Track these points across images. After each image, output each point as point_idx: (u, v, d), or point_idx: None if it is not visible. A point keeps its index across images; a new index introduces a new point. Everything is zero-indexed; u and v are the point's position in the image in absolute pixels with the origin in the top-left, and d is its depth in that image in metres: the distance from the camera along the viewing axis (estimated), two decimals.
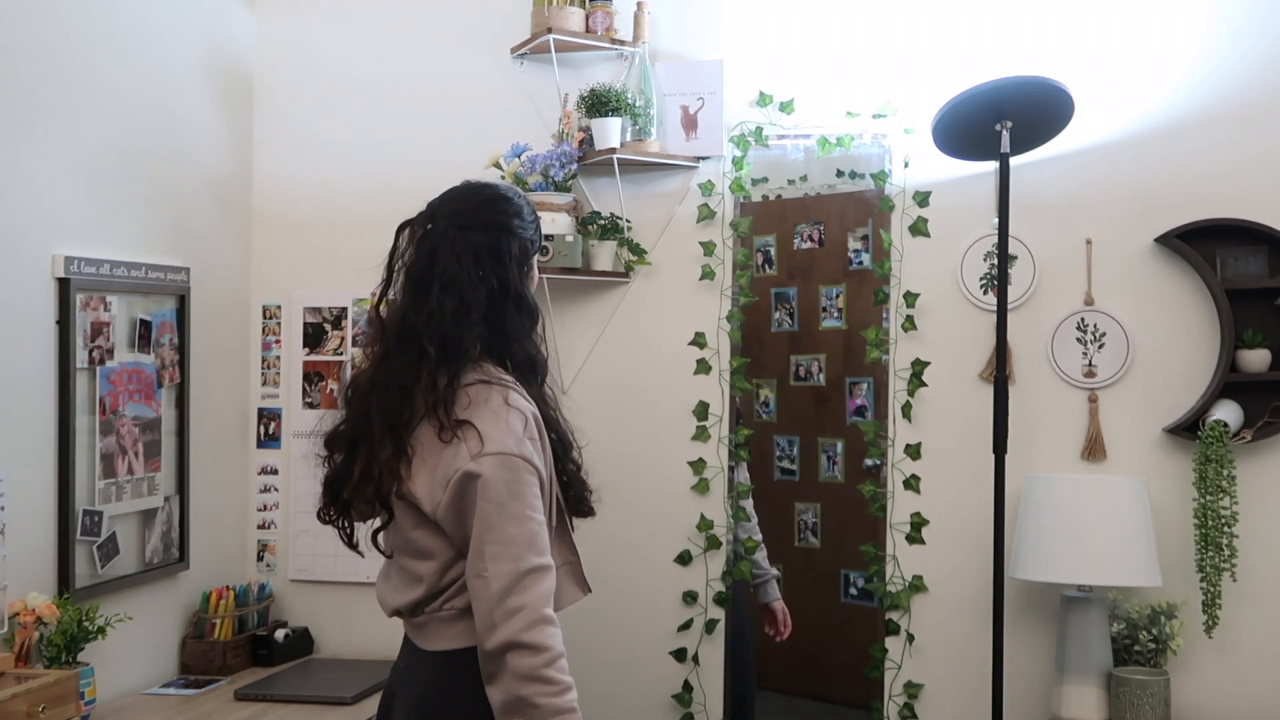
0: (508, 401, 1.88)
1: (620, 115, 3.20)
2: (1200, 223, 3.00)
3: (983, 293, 3.15)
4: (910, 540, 3.20)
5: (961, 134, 2.98)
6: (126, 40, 3.03)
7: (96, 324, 2.89)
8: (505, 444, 1.84)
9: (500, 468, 1.83)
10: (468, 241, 1.94)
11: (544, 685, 1.77)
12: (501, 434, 1.85)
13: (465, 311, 1.91)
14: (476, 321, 1.92)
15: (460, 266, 1.92)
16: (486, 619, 1.79)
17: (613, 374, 3.38)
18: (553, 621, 1.81)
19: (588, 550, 2.21)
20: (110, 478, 2.93)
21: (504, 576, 1.79)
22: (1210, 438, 2.90)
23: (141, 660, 3.08)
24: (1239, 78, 3.02)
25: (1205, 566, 2.90)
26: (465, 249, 1.93)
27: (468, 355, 1.91)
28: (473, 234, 1.95)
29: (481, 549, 1.82)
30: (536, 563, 1.81)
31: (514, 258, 1.97)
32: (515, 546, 1.81)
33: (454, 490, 1.85)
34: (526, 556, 1.80)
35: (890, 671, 3.21)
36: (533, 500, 1.84)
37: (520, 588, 1.79)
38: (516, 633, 1.77)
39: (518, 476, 1.83)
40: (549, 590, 1.82)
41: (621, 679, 3.32)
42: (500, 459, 1.83)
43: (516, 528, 1.81)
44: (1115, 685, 2.85)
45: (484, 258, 1.94)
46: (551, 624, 1.80)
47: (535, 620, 1.78)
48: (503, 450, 1.84)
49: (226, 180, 3.46)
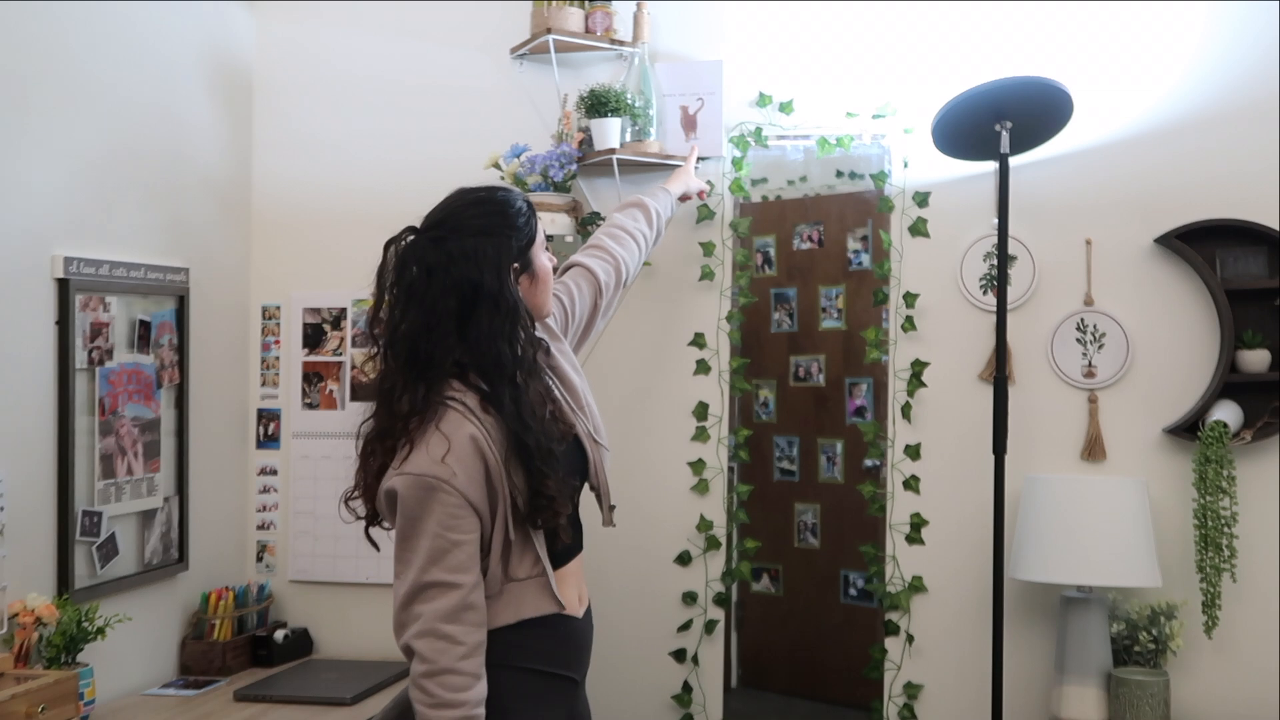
0: (438, 425, 1.93)
1: (620, 116, 3.20)
2: (1200, 223, 3.00)
3: (982, 293, 3.15)
4: (910, 541, 3.20)
5: (961, 134, 2.98)
6: (126, 40, 3.03)
7: (96, 324, 2.89)
8: (419, 465, 1.91)
9: (412, 486, 1.91)
10: (442, 251, 1.97)
11: (421, 694, 1.89)
12: (419, 455, 1.92)
13: (434, 323, 1.95)
14: (449, 332, 1.96)
15: (429, 278, 1.96)
16: (394, 620, 1.93)
17: (612, 374, 3.38)
18: (445, 637, 1.88)
19: (588, 550, 2.22)
20: (110, 478, 2.93)
21: (407, 584, 1.91)
22: (1210, 438, 2.90)
23: (141, 661, 3.08)
24: (1239, 77, 3.02)
25: (1205, 567, 2.90)
26: (438, 259, 1.96)
27: (438, 366, 1.96)
28: (448, 243, 1.98)
29: (396, 556, 1.94)
30: (440, 578, 1.90)
31: (489, 260, 1.98)
32: (420, 559, 1.90)
33: (384, 505, 1.99)
34: (429, 570, 1.90)
35: (890, 672, 3.21)
36: (447, 520, 1.90)
37: (420, 598, 1.90)
38: (409, 639, 1.90)
39: (430, 496, 1.90)
40: (450, 607, 1.89)
41: (621, 679, 3.32)
42: (413, 479, 1.91)
43: (425, 542, 1.90)
44: (1115, 686, 2.85)
45: (457, 265, 1.96)
46: (441, 638, 1.88)
47: (425, 631, 1.88)
48: (415, 471, 1.91)
49: (226, 180, 3.46)
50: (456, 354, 1.97)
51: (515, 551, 2.00)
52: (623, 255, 2.65)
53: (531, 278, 2.10)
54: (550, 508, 1.99)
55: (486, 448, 1.94)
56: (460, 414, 1.95)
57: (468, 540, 1.92)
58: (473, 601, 1.92)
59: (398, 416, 1.95)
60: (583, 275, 2.54)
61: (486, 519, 1.96)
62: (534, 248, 2.10)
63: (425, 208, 2.11)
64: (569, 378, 2.22)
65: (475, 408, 1.96)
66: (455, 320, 1.96)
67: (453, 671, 1.88)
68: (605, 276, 2.57)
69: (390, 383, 1.98)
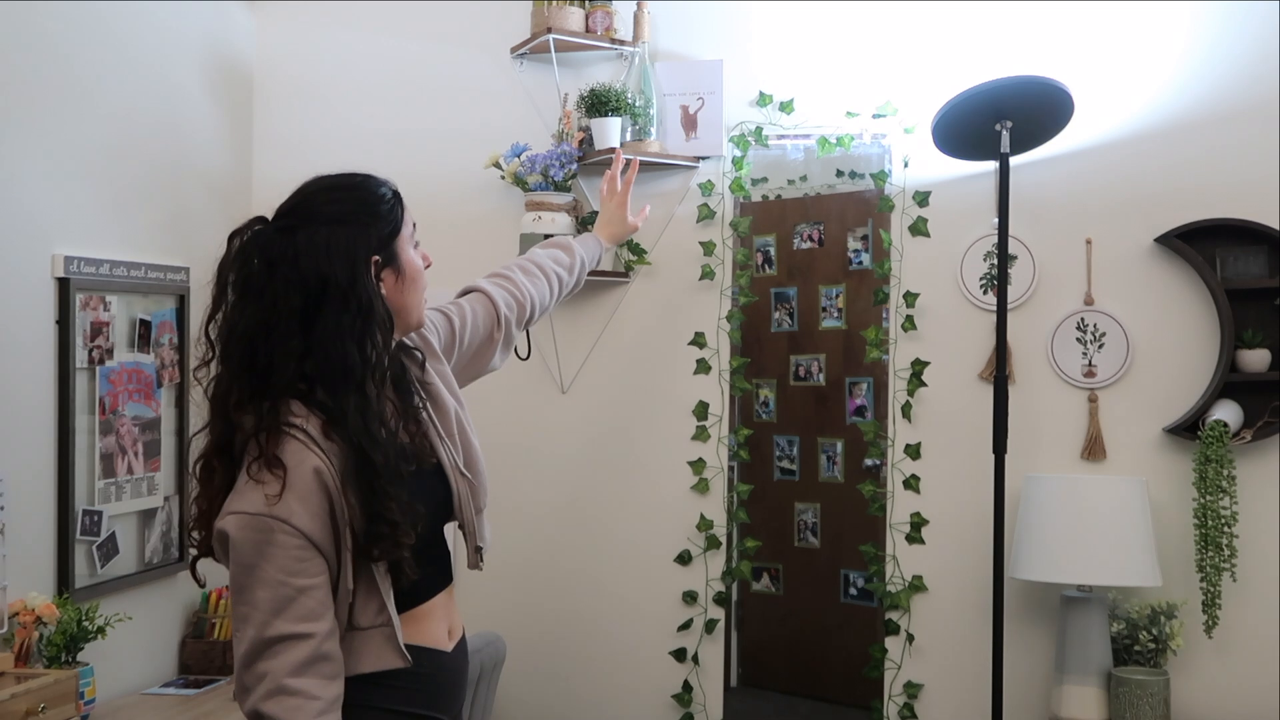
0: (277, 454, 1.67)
1: (620, 115, 3.20)
2: (1200, 222, 3.00)
3: (983, 292, 3.15)
4: (910, 540, 3.20)
5: (961, 134, 2.98)
6: (126, 40, 3.03)
7: (96, 324, 2.89)
8: (252, 503, 1.67)
9: (245, 528, 1.67)
10: (289, 243, 1.74)
11: None
12: (252, 491, 1.67)
13: (275, 322, 1.70)
14: (291, 333, 1.70)
15: (272, 272, 1.72)
16: (238, 682, 1.70)
17: (613, 374, 3.38)
18: (296, 693, 1.65)
19: (588, 550, 2.22)
20: (110, 477, 2.93)
21: (249, 641, 1.67)
22: (1210, 437, 2.90)
23: (141, 660, 3.08)
24: (1239, 77, 3.02)
25: (1205, 566, 2.90)
26: (283, 251, 1.73)
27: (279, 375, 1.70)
28: (297, 234, 1.74)
29: (234, 610, 1.71)
30: (284, 630, 1.66)
31: (341, 250, 1.74)
32: (260, 612, 1.67)
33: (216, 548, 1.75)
34: (272, 624, 1.66)
35: (890, 671, 3.21)
36: (288, 564, 1.67)
37: (266, 655, 1.66)
38: (256, 702, 1.66)
39: (266, 537, 1.66)
40: (298, 659, 1.66)
41: (621, 679, 3.32)
42: (246, 519, 1.67)
43: (264, 592, 1.67)
44: (1115, 685, 2.85)
45: (304, 257, 1.72)
46: (292, 695, 1.65)
47: (273, 690, 1.65)
48: (249, 509, 1.67)
49: (226, 179, 3.46)
50: (298, 361, 1.70)
51: (360, 595, 1.74)
52: (531, 292, 2.32)
53: (397, 273, 1.82)
54: (391, 536, 1.71)
55: (330, 480, 1.68)
56: (301, 443, 1.68)
57: (315, 585, 1.68)
58: (327, 651, 1.68)
59: (239, 428, 1.70)
60: (480, 301, 2.21)
61: (333, 560, 1.70)
62: (399, 239, 1.84)
63: (425, 207, 2.11)
64: (443, 400, 1.94)
65: (317, 435, 1.69)
66: (299, 320, 1.70)
67: None
68: (507, 309, 2.23)
69: (225, 387, 1.72)
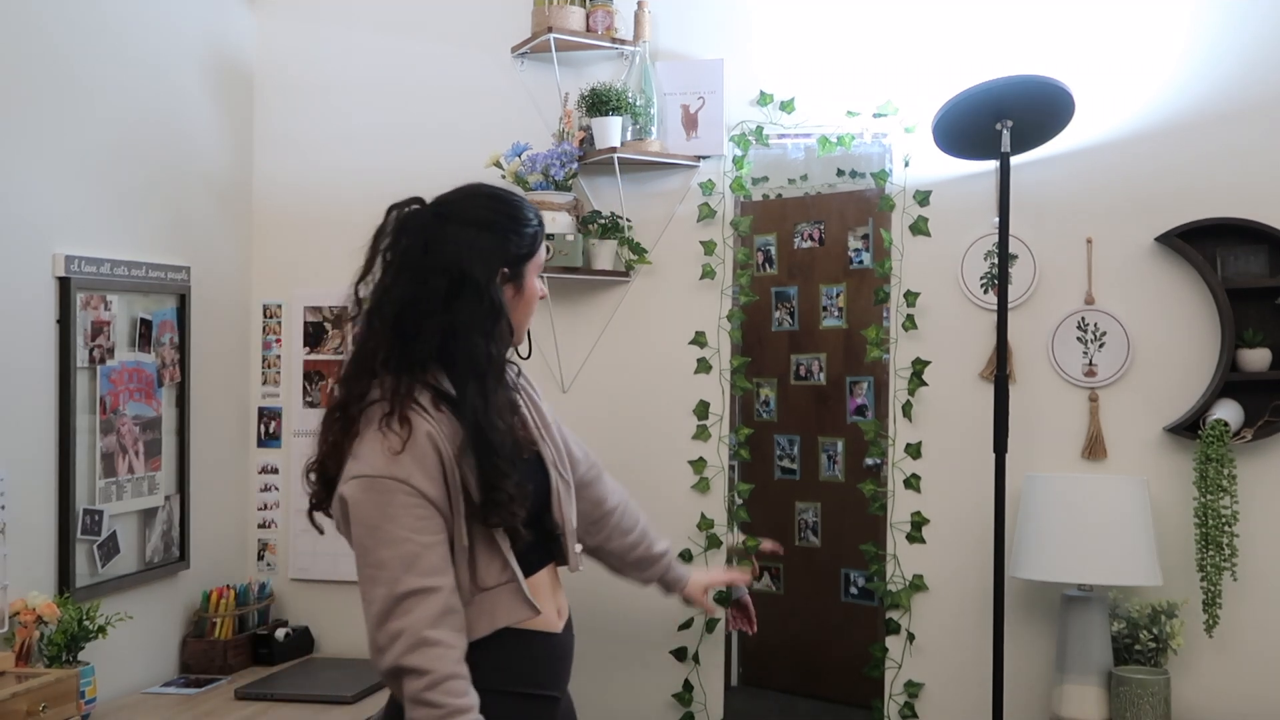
0: (386, 423, 1.82)
1: (621, 114, 3.20)
2: (1200, 222, 3.00)
3: (983, 292, 3.15)
4: (910, 539, 3.20)
5: (962, 133, 2.98)
6: (126, 40, 3.03)
7: (97, 323, 2.89)
8: (372, 465, 1.80)
9: (366, 490, 1.80)
10: (441, 229, 1.91)
11: (428, 709, 1.75)
12: (370, 454, 1.81)
13: (422, 297, 1.87)
14: (434, 311, 1.86)
15: (425, 252, 1.89)
16: (373, 643, 1.79)
17: (613, 373, 3.38)
18: (437, 643, 1.76)
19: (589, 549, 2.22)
20: (111, 477, 2.94)
21: (380, 600, 1.78)
22: (1211, 437, 2.90)
23: (142, 659, 3.08)
24: (1239, 76, 3.02)
25: (1206, 566, 2.90)
26: (436, 235, 1.90)
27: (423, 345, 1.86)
28: (450, 224, 1.91)
29: (360, 573, 1.82)
30: (415, 585, 1.77)
31: (481, 253, 1.90)
32: (389, 570, 1.78)
33: (337, 512, 1.87)
34: (403, 579, 1.77)
35: (890, 670, 3.21)
36: (410, 522, 1.79)
37: (399, 611, 1.77)
38: (397, 658, 1.76)
39: (387, 498, 1.79)
40: (432, 612, 1.77)
41: (622, 677, 3.32)
42: (365, 481, 1.80)
43: (390, 550, 1.78)
44: (1115, 684, 2.85)
45: (452, 246, 1.89)
46: (434, 645, 1.76)
47: (414, 644, 1.75)
48: (367, 473, 1.80)
49: (227, 179, 3.46)
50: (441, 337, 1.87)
51: (481, 556, 1.87)
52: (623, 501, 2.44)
53: (517, 290, 1.99)
54: (507, 506, 1.85)
55: (441, 445, 1.82)
56: (414, 411, 1.84)
57: (437, 541, 1.81)
58: (454, 605, 1.81)
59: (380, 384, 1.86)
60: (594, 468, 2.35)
61: (449, 519, 1.84)
62: (530, 263, 2.00)
63: None
64: (540, 405, 2.11)
65: (428, 405, 1.85)
66: (442, 301, 1.87)
67: (455, 676, 1.77)
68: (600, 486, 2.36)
69: (374, 345, 1.88)
